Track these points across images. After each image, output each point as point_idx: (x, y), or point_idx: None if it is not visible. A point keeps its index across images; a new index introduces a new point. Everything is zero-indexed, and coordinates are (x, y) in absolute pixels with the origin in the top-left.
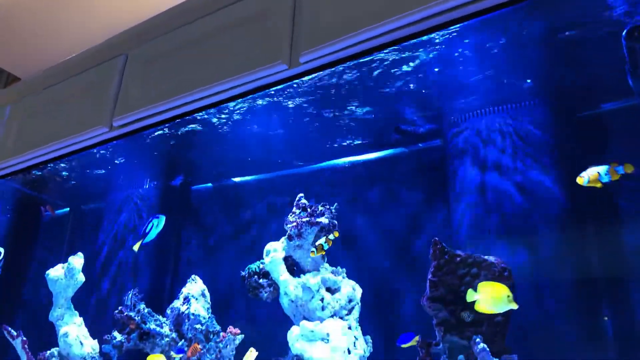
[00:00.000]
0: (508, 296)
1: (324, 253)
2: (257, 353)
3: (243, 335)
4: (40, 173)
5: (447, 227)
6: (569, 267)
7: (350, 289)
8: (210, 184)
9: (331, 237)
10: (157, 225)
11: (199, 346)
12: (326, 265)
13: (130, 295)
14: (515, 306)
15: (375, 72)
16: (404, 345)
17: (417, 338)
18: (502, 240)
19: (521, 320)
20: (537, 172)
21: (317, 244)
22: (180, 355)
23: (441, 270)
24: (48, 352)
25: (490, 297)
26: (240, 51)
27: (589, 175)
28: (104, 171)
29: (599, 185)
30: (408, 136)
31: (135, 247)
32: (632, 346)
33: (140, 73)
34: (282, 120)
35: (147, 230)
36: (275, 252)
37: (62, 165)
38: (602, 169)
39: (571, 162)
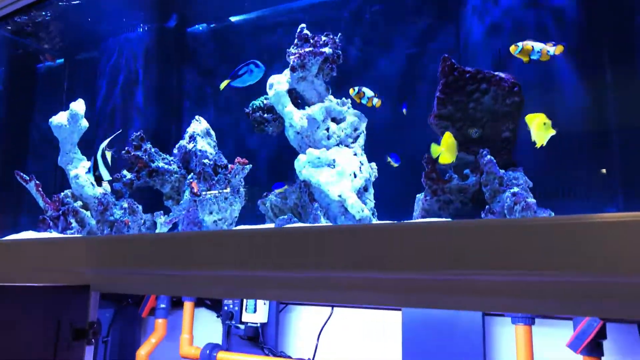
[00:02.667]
0: (545, 123)
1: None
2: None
3: (251, 165)
4: (26, 17)
5: (456, 46)
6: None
7: (356, 118)
8: (206, 25)
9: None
10: (253, 73)
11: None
12: (331, 97)
13: (136, 136)
14: (553, 132)
15: None
16: (277, 190)
17: (286, 186)
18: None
19: (527, 136)
20: None
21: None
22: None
23: (450, 87)
24: (62, 193)
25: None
26: None
27: (523, 45)
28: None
29: (526, 59)
30: None
31: (222, 86)
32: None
33: None
34: None
35: (239, 73)
36: (278, 84)
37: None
38: (537, 45)
39: None
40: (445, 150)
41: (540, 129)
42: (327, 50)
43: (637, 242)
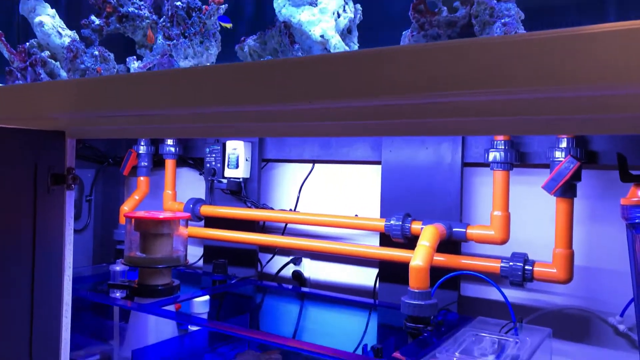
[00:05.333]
0: None
1: None
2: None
3: (226, 5)
4: None
5: None
6: None
7: None
8: None
9: None
10: None
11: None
12: None
13: None
14: None
15: None
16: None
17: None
18: None
19: None
20: None
21: None
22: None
23: None
24: (27, 43)
25: None
26: None
27: None
28: None
29: None
30: None
31: None
32: None
33: None
34: None
35: None
36: None
37: None
38: None
39: None
40: None
41: None
42: None
43: (619, 53)
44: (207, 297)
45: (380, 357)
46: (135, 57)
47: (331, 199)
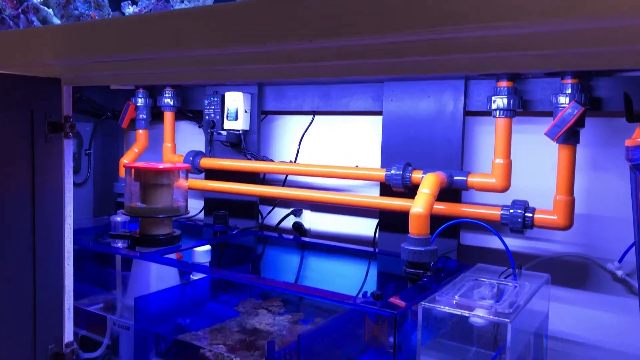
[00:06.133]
0: None
1: None
2: None
3: None
4: None
5: None
6: None
7: None
8: None
9: None
10: None
11: None
12: None
13: None
14: None
15: None
16: None
17: None
18: None
19: None
20: None
21: None
22: None
23: None
24: None
25: None
26: None
27: None
28: None
29: None
30: None
31: None
32: None
33: None
34: None
35: None
36: None
37: None
38: None
39: None
40: None
41: None
42: None
43: None
44: (208, 247)
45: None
46: (130, 1)
47: (331, 152)
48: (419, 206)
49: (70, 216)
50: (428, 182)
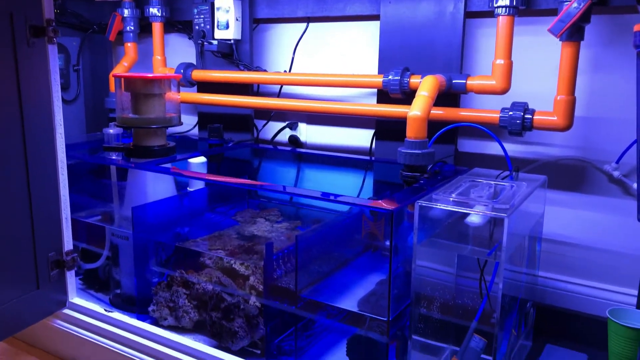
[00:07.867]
0: None
1: None
2: None
3: None
4: None
5: None
6: None
7: None
8: None
9: None
10: None
11: None
12: None
13: None
14: None
15: None
16: None
17: None
18: None
19: None
20: None
21: None
22: None
23: None
24: None
25: None
26: None
27: None
28: None
29: None
30: None
31: None
32: None
33: None
34: None
35: None
36: None
37: None
38: None
39: None
40: None
41: None
42: None
43: None
44: (203, 159)
45: None
46: None
47: (327, 61)
48: (416, 109)
49: (61, 125)
50: (426, 85)
